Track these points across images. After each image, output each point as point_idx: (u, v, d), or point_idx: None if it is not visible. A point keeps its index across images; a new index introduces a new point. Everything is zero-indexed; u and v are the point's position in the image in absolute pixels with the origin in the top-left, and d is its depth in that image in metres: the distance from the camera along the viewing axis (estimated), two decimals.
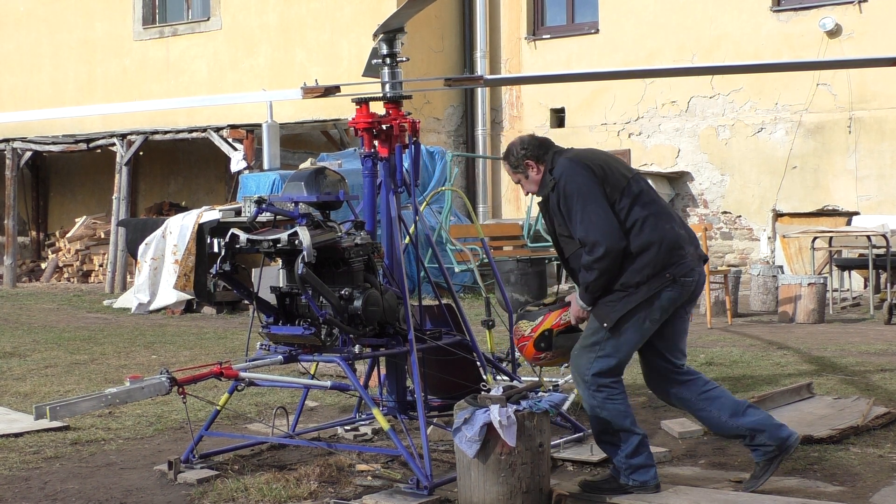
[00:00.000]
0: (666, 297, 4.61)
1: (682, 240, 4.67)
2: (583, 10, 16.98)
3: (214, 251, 5.20)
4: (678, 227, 4.70)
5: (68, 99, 19.29)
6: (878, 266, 12.10)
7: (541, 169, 4.84)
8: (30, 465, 5.44)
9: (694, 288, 4.72)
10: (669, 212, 4.76)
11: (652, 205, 4.66)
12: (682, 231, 4.71)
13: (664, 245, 4.60)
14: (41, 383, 7.81)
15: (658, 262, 4.58)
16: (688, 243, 4.70)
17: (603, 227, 4.54)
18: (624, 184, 4.65)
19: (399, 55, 5.40)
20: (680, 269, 4.62)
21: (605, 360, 4.64)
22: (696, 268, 4.71)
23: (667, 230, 4.63)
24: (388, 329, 5.24)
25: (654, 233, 4.60)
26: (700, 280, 4.75)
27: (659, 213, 4.66)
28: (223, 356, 8.63)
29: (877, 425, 5.88)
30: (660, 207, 4.70)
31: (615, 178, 4.65)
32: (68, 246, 18.27)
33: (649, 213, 4.63)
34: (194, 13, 18.71)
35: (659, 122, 16.05)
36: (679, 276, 4.61)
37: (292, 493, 4.73)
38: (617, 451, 4.68)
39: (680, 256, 4.63)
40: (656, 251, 4.58)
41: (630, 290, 4.58)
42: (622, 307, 4.59)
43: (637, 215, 4.61)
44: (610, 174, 4.66)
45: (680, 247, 4.64)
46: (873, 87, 14.43)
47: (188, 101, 15.64)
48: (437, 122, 17.24)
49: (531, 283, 12.57)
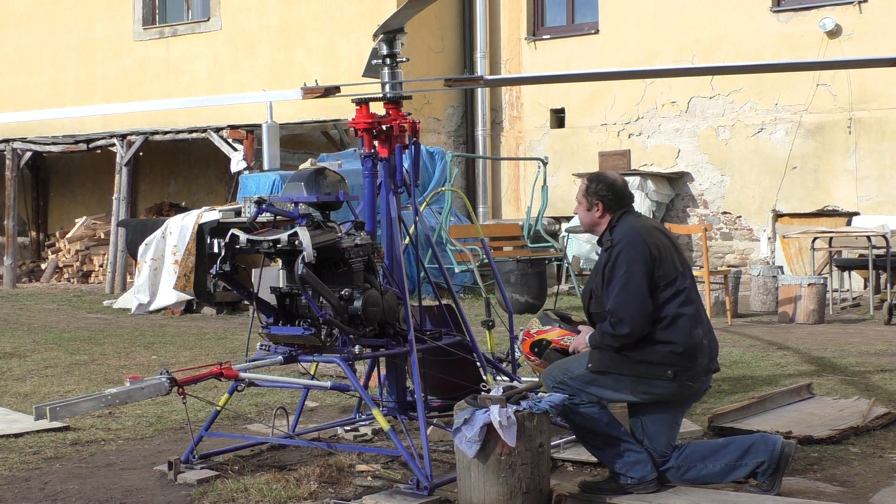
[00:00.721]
0: (658, 386, 4.63)
1: (700, 350, 4.65)
2: (583, 10, 16.97)
3: (214, 251, 5.21)
4: (703, 336, 4.69)
5: (68, 99, 19.30)
6: (878, 266, 12.10)
7: (605, 218, 4.84)
8: (30, 466, 5.44)
9: (689, 395, 4.76)
10: (701, 317, 4.73)
11: (689, 305, 4.67)
12: (706, 341, 4.69)
13: (683, 349, 4.60)
14: (41, 384, 7.81)
15: (668, 359, 4.60)
16: (704, 354, 4.68)
17: (635, 310, 4.57)
18: (673, 276, 4.67)
19: (399, 55, 5.40)
20: (683, 374, 4.63)
21: (573, 385, 4.68)
22: (700, 379, 4.71)
23: (692, 336, 4.63)
24: (388, 329, 5.24)
25: (681, 335, 4.61)
26: (701, 389, 4.77)
27: (694, 315, 4.67)
28: (223, 356, 8.62)
29: (877, 426, 5.88)
30: (696, 310, 4.70)
31: (667, 267, 4.67)
32: (68, 246, 18.27)
33: (685, 313, 4.64)
34: (194, 14, 18.72)
35: (659, 122, 16.05)
36: (679, 378, 4.62)
37: (292, 494, 4.73)
38: (605, 454, 4.71)
39: (690, 365, 4.63)
40: (672, 350, 4.60)
41: (632, 361, 4.62)
42: (615, 366, 4.62)
43: (673, 311, 4.63)
44: (664, 261, 4.67)
45: (695, 356, 4.64)
46: (873, 88, 14.43)
47: (188, 101, 15.65)
48: (437, 123, 17.25)
49: (531, 284, 12.57)
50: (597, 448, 4.74)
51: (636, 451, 4.67)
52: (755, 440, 4.73)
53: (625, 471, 4.64)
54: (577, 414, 4.67)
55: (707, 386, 4.81)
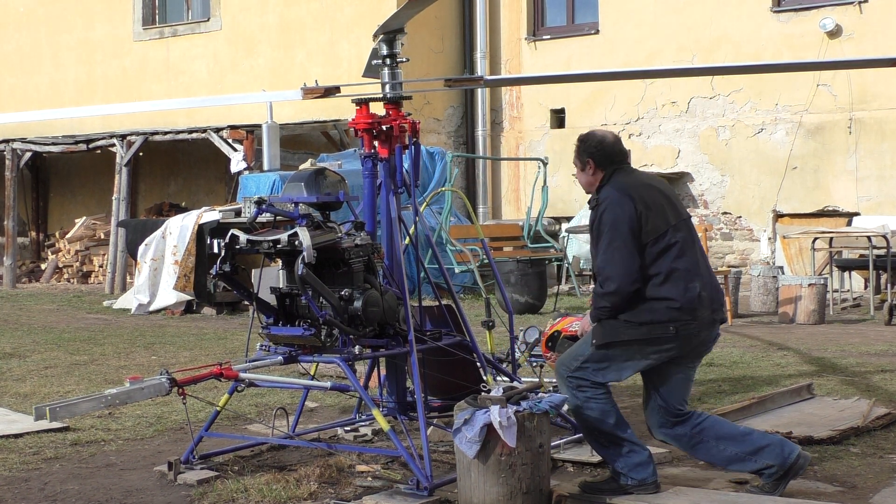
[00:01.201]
0: (666, 344, 4.60)
1: (700, 303, 4.61)
2: (583, 10, 16.97)
3: (214, 252, 5.20)
4: (702, 287, 4.63)
5: (68, 99, 19.29)
6: (878, 267, 12.09)
7: (597, 176, 4.79)
8: (30, 466, 5.44)
9: (697, 345, 4.70)
10: (698, 269, 4.67)
11: (682, 259, 4.62)
12: (705, 293, 4.64)
13: (680, 305, 4.57)
14: (41, 384, 7.81)
15: (668, 316, 4.57)
16: (705, 307, 4.63)
17: (620, 267, 4.54)
18: (662, 230, 4.61)
19: (399, 56, 5.40)
20: (686, 328, 4.59)
21: (587, 370, 4.67)
22: (704, 330, 4.66)
23: (688, 290, 4.59)
24: (388, 330, 5.23)
25: (677, 290, 4.57)
26: (706, 340, 4.71)
27: (688, 269, 4.62)
28: (223, 357, 8.62)
29: (877, 426, 5.88)
30: (690, 263, 4.64)
31: (656, 222, 4.61)
32: (68, 247, 18.26)
33: (678, 268, 4.60)
34: (194, 14, 18.71)
35: (659, 122, 16.05)
36: (683, 332, 4.59)
37: (292, 494, 4.72)
38: (608, 452, 4.70)
39: (691, 318, 4.59)
40: (669, 306, 4.57)
41: (633, 325, 4.58)
42: (617, 335, 4.60)
43: (664, 267, 4.59)
44: (653, 216, 4.61)
45: (694, 310, 4.59)
46: (873, 88, 14.43)
47: (188, 101, 15.66)
48: (437, 123, 17.24)
49: (531, 284, 12.56)
50: (602, 446, 4.72)
51: (639, 453, 4.66)
52: (773, 441, 4.70)
53: (627, 471, 4.63)
54: (586, 409, 4.65)
55: (715, 335, 4.76)
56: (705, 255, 4.87)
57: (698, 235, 4.88)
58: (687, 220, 4.78)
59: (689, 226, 4.78)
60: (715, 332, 4.76)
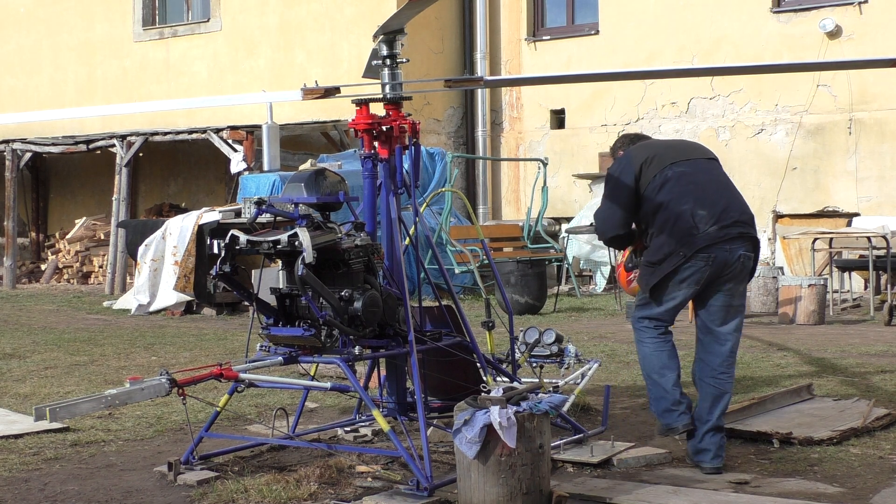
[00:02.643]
0: (687, 270, 5.08)
1: (696, 220, 5.05)
2: (583, 11, 16.97)
3: (214, 252, 5.20)
4: (699, 206, 5.06)
5: (68, 100, 19.29)
6: (878, 267, 12.09)
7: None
8: (29, 467, 5.44)
9: (722, 264, 5.09)
10: (690, 193, 5.10)
11: (674, 188, 5.09)
12: (703, 210, 5.05)
13: (675, 229, 5.06)
14: (41, 385, 7.81)
15: (670, 243, 5.07)
16: (703, 222, 5.05)
17: (604, 217, 5.30)
18: (656, 172, 5.14)
19: (399, 56, 5.40)
20: (691, 247, 5.04)
21: (646, 308, 5.26)
22: (715, 245, 5.06)
23: (680, 213, 5.06)
24: (388, 330, 5.23)
25: (669, 215, 5.08)
26: (721, 256, 5.08)
27: (680, 195, 5.08)
28: (223, 357, 8.62)
29: (877, 427, 5.88)
30: (682, 190, 5.09)
31: (653, 169, 5.15)
32: (68, 247, 18.26)
33: (669, 198, 5.09)
34: (194, 14, 18.71)
35: (659, 123, 16.04)
36: (692, 253, 5.04)
37: (292, 495, 4.72)
38: (650, 393, 5.30)
39: (691, 237, 5.04)
40: (668, 235, 5.08)
41: (655, 265, 5.13)
42: (652, 278, 5.15)
43: (658, 201, 5.11)
44: (653, 165, 5.16)
45: (692, 226, 5.04)
46: (873, 89, 14.43)
47: (188, 102, 15.65)
48: (437, 124, 17.24)
49: (531, 285, 12.56)
50: (648, 387, 5.33)
51: (672, 401, 5.16)
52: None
53: (658, 414, 5.25)
54: (639, 346, 5.30)
55: (738, 253, 5.11)
56: (720, 181, 5.28)
57: (717, 167, 5.34)
58: (696, 160, 5.28)
59: (699, 162, 5.28)
60: (737, 251, 5.12)
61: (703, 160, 5.31)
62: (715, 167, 5.33)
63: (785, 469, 5.14)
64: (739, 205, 5.22)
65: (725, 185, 5.28)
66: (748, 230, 5.18)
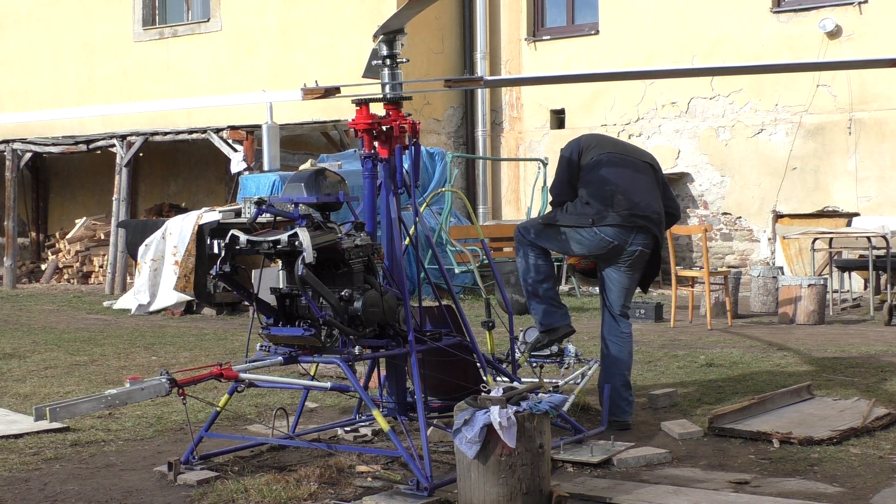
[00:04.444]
0: (585, 234, 5.98)
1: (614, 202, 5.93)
2: (583, 11, 16.97)
3: (214, 252, 5.20)
4: (619, 192, 5.94)
5: (68, 100, 19.28)
6: (878, 267, 12.09)
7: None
8: (29, 467, 5.44)
9: (612, 246, 5.95)
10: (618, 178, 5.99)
11: (606, 170, 6.02)
12: (621, 197, 5.94)
13: (595, 200, 5.96)
14: (41, 384, 7.81)
15: (588, 210, 5.97)
16: (620, 206, 5.92)
17: (554, 185, 6.25)
18: (594, 155, 6.09)
19: (399, 56, 5.40)
20: (602, 220, 5.93)
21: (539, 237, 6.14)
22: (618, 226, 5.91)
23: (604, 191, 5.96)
24: (388, 330, 5.23)
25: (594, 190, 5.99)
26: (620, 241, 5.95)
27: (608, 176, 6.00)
28: (223, 357, 8.62)
29: (877, 426, 5.88)
30: (611, 173, 6.00)
31: (593, 152, 6.10)
32: (68, 247, 18.26)
33: (598, 176, 6.02)
34: (194, 14, 18.71)
35: (659, 123, 16.05)
36: (595, 224, 5.94)
37: (292, 495, 4.72)
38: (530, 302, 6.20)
39: (605, 211, 5.94)
40: (589, 202, 5.97)
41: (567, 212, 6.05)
42: (555, 219, 6.09)
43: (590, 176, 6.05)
44: (592, 150, 6.12)
45: (606, 206, 5.94)
46: (873, 89, 14.43)
47: (188, 102, 15.66)
48: (437, 124, 17.24)
49: None
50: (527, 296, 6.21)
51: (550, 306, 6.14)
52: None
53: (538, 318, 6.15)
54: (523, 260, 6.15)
55: (637, 244, 5.98)
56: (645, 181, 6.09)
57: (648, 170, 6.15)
58: (632, 158, 6.14)
59: (633, 161, 6.12)
60: (638, 240, 5.96)
61: (639, 161, 6.15)
62: (646, 169, 6.14)
63: (785, 469, 5.14)
64: (654, 206, 6.03)
65: (648, 186, 6.08)
66: (652, 226, 6.00)
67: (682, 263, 15.19)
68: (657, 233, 6.07)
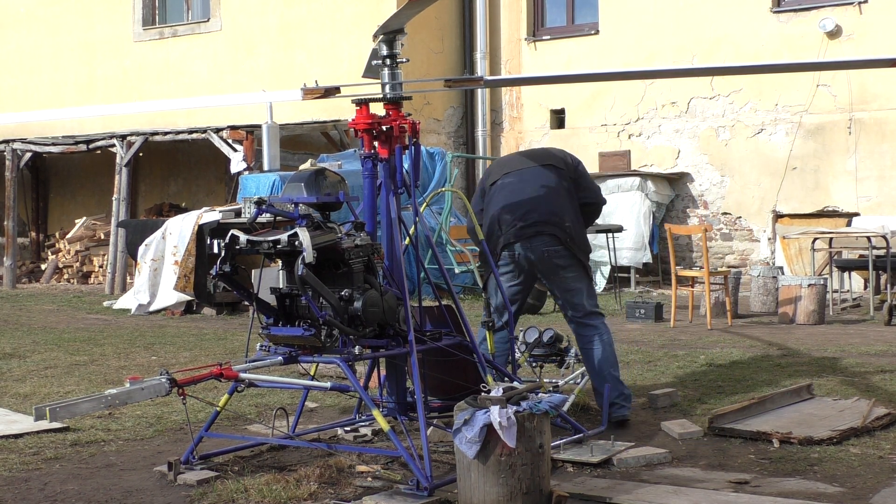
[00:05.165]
0: (502, 261, 6.17)
1: (500, 223, 6.09)
2: (583, 11, 16.97)
3: (214, 252, 5.20)
4: (505, 212, 6.08)
5: (68, 100, 19.29)
6: (878, 267, 12.09)
7: None
8: (29, 467, 5.44)
9: (520, 259, 6.10)
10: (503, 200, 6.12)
11: (494, 197, 6.17)
12: (508, 215, 6.06)
13: (489, 231, 6.14)
14: (41, 384, 7.81)
15: (490, 241, 6.12)
16: (506, 223, 6.07)
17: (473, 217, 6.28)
18: (490, 184, 6.26)
19: (399, 56, 5.40)
20: (501, 238, 6.09)
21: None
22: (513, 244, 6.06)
23: (491, 216, 6.15)
24: (388, 330, 5.23)
25: (486, 216, 6.19)
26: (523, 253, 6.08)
27: (494, 203, 6.15)
28: (223, 357, 8.62)
29: (877, 426, 5.88)
30: (498, 198, 6.13)
31: (490, 180, 6.29)
32: (68, 247, 18.26)
33: (488, 205, 6.19)
34: (194, 14, 18.71)
35: (659, 123, 16.05)
36: (500, 250, 6.11)
37: (292, 495, 4.72)
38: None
39: (496, 238, 6.12)
40: (488, 227, 6.15)
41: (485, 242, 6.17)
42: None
43: (488, 201, 6.22)
44: (491, 177, 6.30)
45: (496, 228, 6.11)
46: (873, 89, 14.43)
47: (188, 102, 15.65)
48: (437, 124, 17.25)
49: None
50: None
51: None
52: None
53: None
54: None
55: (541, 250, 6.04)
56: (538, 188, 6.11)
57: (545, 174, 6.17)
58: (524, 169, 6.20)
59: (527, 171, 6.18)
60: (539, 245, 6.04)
61: (536, 168, 6.20)
62: (542, 175, 6.16)
63: (785, 469, 5.14)
64: (546, 207, 6.07)
65: (541, 192, 6.10)
66: (546, 228, 6.03)
67: (682, 263, 15.20)
68: (556, 231, 6.05)
